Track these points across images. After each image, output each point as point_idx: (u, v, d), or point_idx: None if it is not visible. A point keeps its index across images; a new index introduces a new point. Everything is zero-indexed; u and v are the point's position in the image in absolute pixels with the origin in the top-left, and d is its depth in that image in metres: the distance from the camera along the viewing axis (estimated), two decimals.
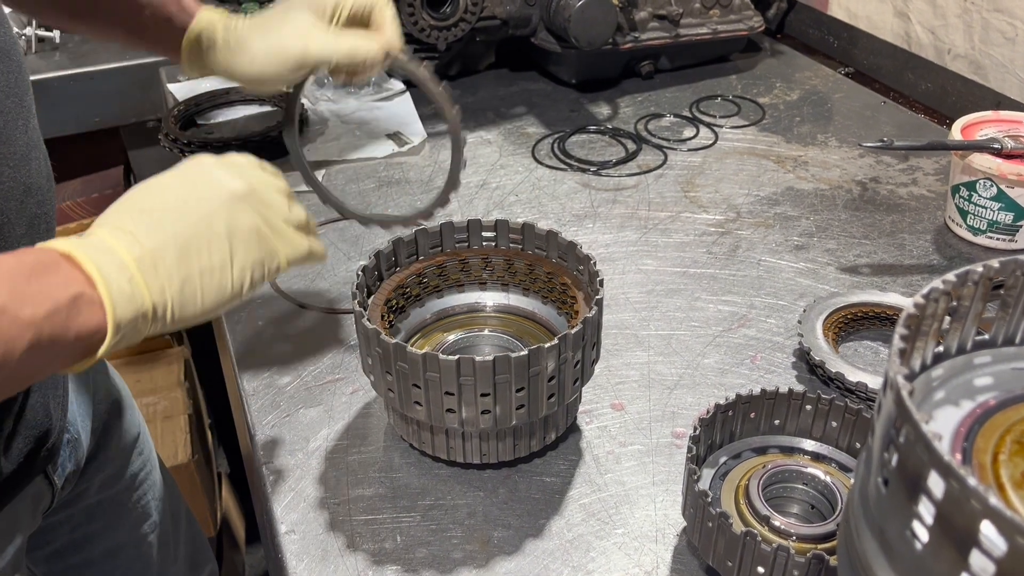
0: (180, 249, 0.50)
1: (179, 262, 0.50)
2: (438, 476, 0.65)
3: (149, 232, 0.49)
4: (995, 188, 0.86)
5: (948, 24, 1.18)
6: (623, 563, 0.58)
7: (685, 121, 1.17)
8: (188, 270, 0.50)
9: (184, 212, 0.51)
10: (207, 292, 0.51)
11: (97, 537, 0.85)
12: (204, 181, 0.53)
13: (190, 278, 0.50)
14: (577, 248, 0.65)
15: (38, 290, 0.44)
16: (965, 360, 0.40)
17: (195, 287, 0.50)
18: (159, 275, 0.49)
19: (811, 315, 0.76)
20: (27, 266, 0.45)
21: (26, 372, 0.45)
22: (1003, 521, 0.27)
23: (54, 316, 0.44)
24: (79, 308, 0.45)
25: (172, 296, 0.49)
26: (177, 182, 0.53)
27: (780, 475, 0.57)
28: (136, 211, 0.51)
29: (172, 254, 0.49)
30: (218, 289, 0.51)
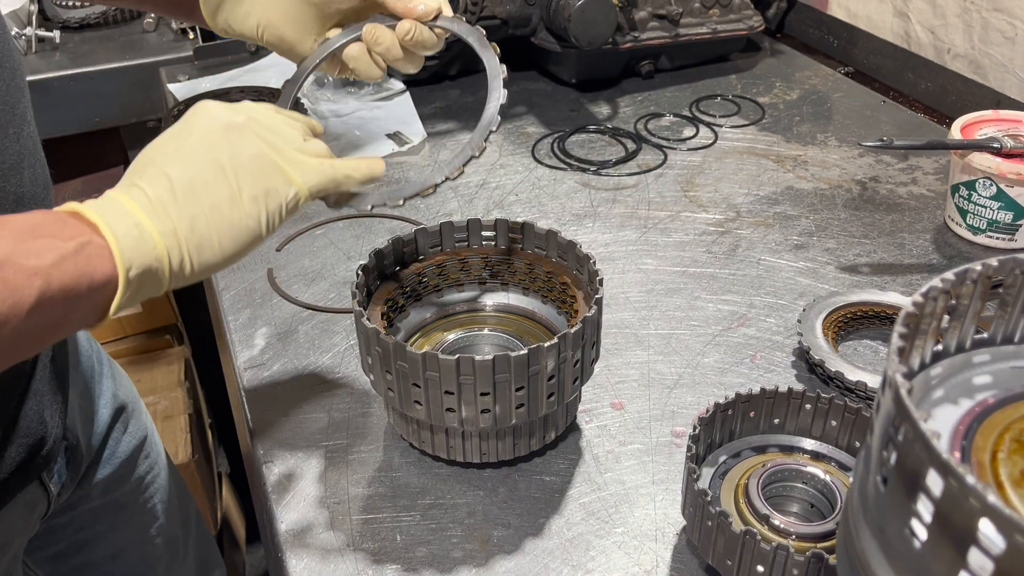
0: (184, 188, 0.48)
1: (185, 201, 0.48)
2: (438, 475, 0.65)
3: (153, 180, 0.48)
4: (995, 187, 0.86)
5: (948, 24, 1.18)
6: (623, 562, 0.58)
7: (685, 121, 1.17)
8: (196, 207, 0.48)
9: (185, 152, 0.50)
10: (221, 229, 0.49)
11: (101, 539, 0.84)
12: (202, 120, 0.52)
13: (199, 215, 0.48)
14: (577, 247, 0.65)
15: (43, 243, 0.43)
16: (964, 358, 0.40)
17: (206, 224, 0.48)
18: (168, 219, 0.47)
19: (811, 314, 0.76)
20: (31, 222, 0.44)
21: (41, 328, 0.44)
22: (1001, 519, 0.27)
23: (62, 264, 0.43)
24: (87, 255, 0.44)
25: (184, 237, 0.48)
26: (179, 128, 0.52)
27: (779, 474, 0.57)
28: (141, 164, 0.50)
29: (178, 196, 0.48)
30: (231, 224, 0.49)
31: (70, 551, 0.83)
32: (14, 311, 0.41)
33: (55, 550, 0.82)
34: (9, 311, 0.41)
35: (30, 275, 0.42)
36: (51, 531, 0.79)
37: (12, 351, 0.44)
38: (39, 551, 0.80)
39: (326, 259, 0.90)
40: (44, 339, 0.46)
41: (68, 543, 0.82)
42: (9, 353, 0.44)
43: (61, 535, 0.81)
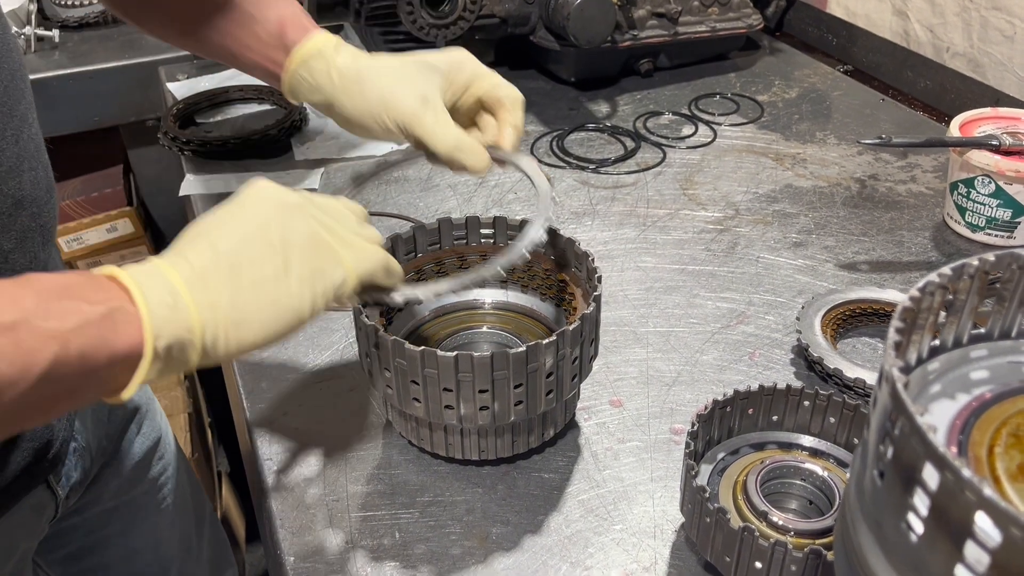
0: (230, 262, 0.46)
1: (230, 275, 0.46)
2: (437, 473, 0.65)
3: (200, 252, 0.46)
4: (993, 185, 0.86)
5: (947, 22, 1.18)
6: (621, 559, 0.58)
7: (684, 119, 1.17)
8: (240, 282, 0.46)
9: (236, 226, 0.48)
10: (263, 306, 0.46)
11: (114, 541, 0.84)
12: (256, 197, 0.50)
13: (242, 291, 0.46)
14: (575, 245, 0.65)
15: (69, 304, 0.40)
16: (961, 354, 0.40)
17: (248, 301, 0.46)
18: (209, 290, 0.45)
19: (809, 312, 0.76)
20: (62, 283, 0.42)
21: (50, 397, 0.40)
22: (998, 513, 0.27)
23: (84, 329, 0.40)
24: (114, 322, 0.41)
25: (224, 312, 0.45)
26: (232, 203, 0.50)
27: (778, 471, 0.57)
28: (190, 236, 0.48)
29: (223, 268, 0.46)
30: (274, 302, 0.47)
31: (83, 552, 0.82)
32: (23, 375, 0.38)
33: (67, 551, 0.81)
34: (17, 375, 0.38)
35: (47, 338, 0.39)
36: (63, 532, 0.78)
37: (14, 420, 0.41)
38: (51, 552, 0.80)
39: None
40: (52, 410, 0.43)
41: (81, 544, 0.81)
42: (11, 421, 0.41)
43: (73, 536, 0.80)
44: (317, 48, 0.64)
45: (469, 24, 1.16)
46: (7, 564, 0.66)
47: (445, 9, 1.14)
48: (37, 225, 0.60)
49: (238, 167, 1.06)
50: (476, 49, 1.29)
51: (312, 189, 1.02)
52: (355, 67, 0.62)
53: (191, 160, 1.08)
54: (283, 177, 1.04)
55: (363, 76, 0.62)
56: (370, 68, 0.62)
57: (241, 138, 1.07)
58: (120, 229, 1.48)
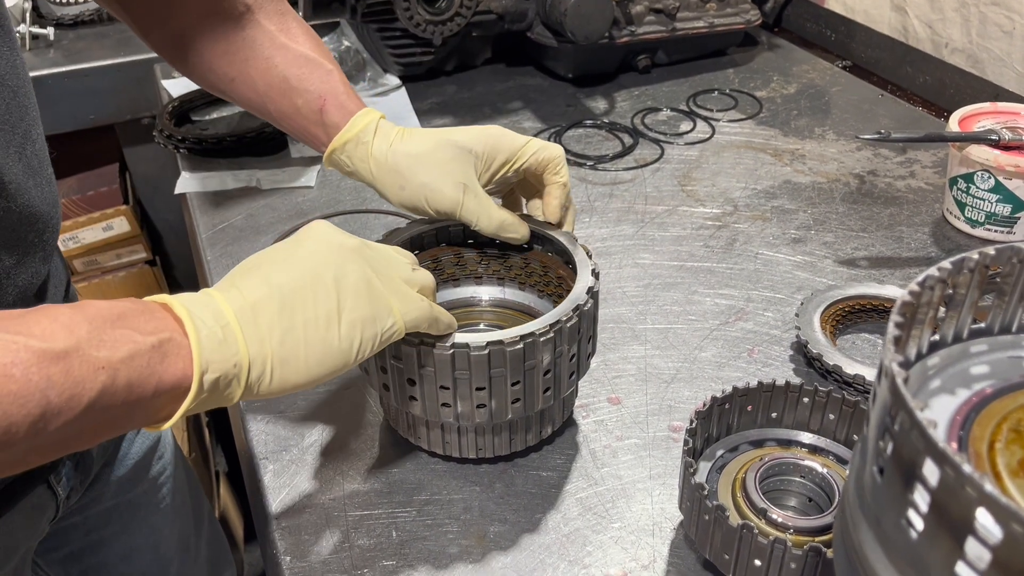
0: (284, 300, 0.46)
1: (281, 312, 0.46)
2: (434, 471, 0.65)
3: (254, 285, 0.47)
4: (993, 180, 0.86)
5: (946, 18, 1.18)
6: (620, 557, 0.58)
7: (682, 115, 1.17)
8: (291, 321, 0.46)
9: (292, 264, 0.48)
10: (311, 346, 0.47)
11: (114, 540, 0.83)
12: (315, 237, 0.50)
13: (292, 329, 0.46)
14: (575, 241, 0.65)
15: (121, 334, 0.40)
16: (961, 348, 0.40)
17: (298, 340, 0.46)
18: (259, 326, 0.45)
19: (809, 308, 0.75)
20: (116, 311, 0.42)
21: (93, 425, 0.40)
22: (999, 508, 0.27)
23: (134, 360, 0.40)
24: (164, 353, 0.41)
25: (272, 349, 0.45)
26: (289, 241, 0.51)
27: (777, 468, 0.57)
28: (245, 268, 0.49)
29: (275, 305, 0.46)
30: (323, 344, 0.47)
31: (83, 552, 0.82)
32: (70, 405, 0.38)
33: (67, 551, 0.81)
34: (65, 404, 0.38)
35: (97, 368, 0.39)
36: (63, 532, 0.78)
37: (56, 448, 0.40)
38: (51, 552, 0.79)
39: None
40: (94, 438, 0.42)
41: (80, 544, 0.81)
42: (53, 450, 0.40)
43: (73, 536, 0.80)
44: (355, 135, 0.64)
45: (466, 20, 1.16)
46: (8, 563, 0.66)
47: (442, 5, 1.14)
48: (41, 241, 0.60)
49: (234, 165, 1.05)
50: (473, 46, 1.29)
51: (308, 187, 1.02)
52: (392, 158, 0.63)
53: (187, 158, 1.07)
54: (279, 174, 1.04)
55: (400, 167, 0.63)
56: (407, 158, 0.62)
57: (237, 135, 1.06)
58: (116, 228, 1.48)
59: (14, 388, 0.36)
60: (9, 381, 0.36)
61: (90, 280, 1.49)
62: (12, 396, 0.36)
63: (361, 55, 1.27)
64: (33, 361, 0.37)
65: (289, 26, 0.68)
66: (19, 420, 0.36)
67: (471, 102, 1.21)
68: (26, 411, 0.37)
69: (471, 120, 1.16)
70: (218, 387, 0.44)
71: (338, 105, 0.65)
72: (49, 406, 0.37)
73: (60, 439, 0.39)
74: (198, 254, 0.95)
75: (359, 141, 0.64)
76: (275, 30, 0.67)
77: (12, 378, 0.36)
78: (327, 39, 1.29)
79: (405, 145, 0.63)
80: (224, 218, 0.97)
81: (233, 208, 0.98)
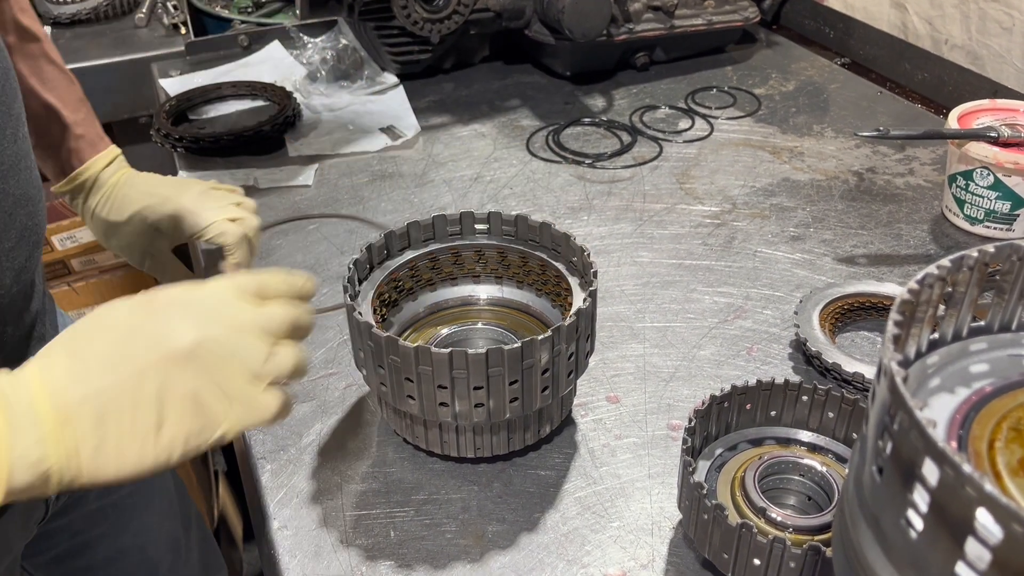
0: (100, 408, 0.44)
1: (96, 424, 0.44)
2: (432, 470, 0.64)
3: (75, 380, 0.44)
4: (992, 177, 0.86)
5: (945, 15, 1.18)
6: (618, 556, 0.58)
7: (680, 113, 1.16)
8: (105, 433, 0.44)
9: (115, 365, 0.45)
10: (125, 459, 0.45)
11: (99, 542, 0.83)
12: (149, 329, 0.46)
13: (105, 442, 0.44)
14: (571, 239, 0.64)
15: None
16: (961, 347, 0.40)
17: (110, 453, 0.44)
18: (73, 435, 0.44)
19: (807, 306, 0.75)
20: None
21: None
22: (999, 508, 0.27)
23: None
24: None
25: (83, 462, 0.44)
26: (122, 323, 0.47)
27: (776, 466, 0.57)
28: (71, 349, 0.46)
29: (90, 413, 0.44)
30: (138, 458, 0.45)
31: (69, 554, 0.82)
32: None
33: (53, 554, 0.81)
34: None
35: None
36: (48, 535, 0.78)
37: None
38: (37, 555, 0.79)
39: (319, 254, 0.89)
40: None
41: (66, 546, 0.81)
42: None
43: (59, 539, 0.80)
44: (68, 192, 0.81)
45: (464, 18, 1.15)
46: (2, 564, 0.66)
47: (439, 3, 1.13)
48: (33, 224, 0.61)
49: (231, 163, 1.05)
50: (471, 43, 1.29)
51: (306, 185, 1.01)
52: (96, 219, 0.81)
53: (184, 157, 1.07)
54: (276, 173, 1.03)
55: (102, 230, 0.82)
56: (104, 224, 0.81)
57: (234, 134, 1.06)
58: None
59: None
60: None
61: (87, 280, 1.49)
62: None
63: (358, 53, 1.27)
64: None
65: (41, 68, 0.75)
66: None
67: (469, 100, 1.21)
68: None
69: (469, 117, 1.16)
70: (24, 491, 0.43)
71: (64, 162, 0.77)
72: None
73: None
74: (195, 253, 0.95)
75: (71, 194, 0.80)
76: (27, 73, 0.73)
77: None
78: (324, 37, 1.29)
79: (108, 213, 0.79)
80: None
81: None
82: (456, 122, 1.15)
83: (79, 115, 0.75)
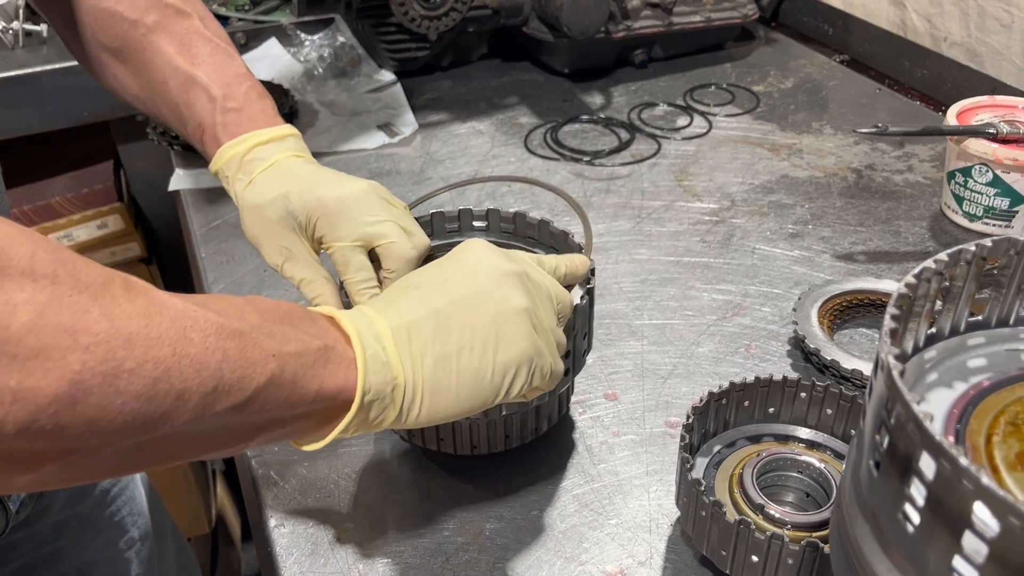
0: (440, 323, 0.45)
1: (436, 337, 0.44)
2: (429, 468, 0.64)
3: (411, 306, 0.45)
4: (991, 174, 0.86)
5: (944, 12, 1.17)
6: (616, 554, 0.57)
7: (679, 110, 1.16)
8: (445, 347, 0.44)
9: (451, 287, 0.46)
10: (463, 376, 0.45)
11: (66, 553, 0.81)
12: (475, 258, 0.48)
13: (446, 356, 0.44)
14: (569, 237, 0.64)
15: (290, 330, 0.40)
16: (958, 341, 0.40)
17: (450, 368, 0.44)
18: (412, 349, 0.44)
19: (806, 303, 0.75)
20: (284, 310, 0.42)
21: (255, 422, 0.39)
22: (996, 502, 0.27)
23: (301, 357, 0.40)
24: (328, 359, 0.41)
25: (424, 375, 0.44)
26: (448, 260, 0.49)
27: (774, 463, 0.56)
28: (403, 287, 0.47)
29: (430, 328, 0.44)
30: (476, 375, 0.45)
31: (34, 565, 0.80)
32: (240, 385, 0.37)
33: (18, 565, 0.78)
34: (236, 383, 0.36)
35: (267, 355, 0.38)
36: (12, 546, 0.76)
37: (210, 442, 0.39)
38: (2, 566, 0.78)
39: None
40: (249, 438, 0.41)
41: (31, 557, 0.79)
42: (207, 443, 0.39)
43: (23, 550, 0.78)
44: (219, 168, 0.64)
45: (461, 15, 1.15)
46: None
47: (437, 0, 1.13)
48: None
49: None
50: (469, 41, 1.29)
51: None
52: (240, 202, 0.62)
53: (181, 155, 1.07)
54: None
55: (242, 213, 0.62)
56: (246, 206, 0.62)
57: None
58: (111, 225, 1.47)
59: (192, 351, 0.35)
60: (188, 344, 0.35)
61: None
62: (190, 359, 0.35)
63: (356, 51, 1.27)
64: (212, 331, 0.36)
65: (191, 43, 0.65)
66: (193, 388, 0.35)
67: (467, 97, 1.21)
68: (200, 379, 0.35)
69: (467, 115, 1.16)
70: (372, 411, 0.43)
71: (212, 136, 0.64)
72: (222, 381, 0.36)
73: (217, 430, 0.38)
74: (192, 251, 0.95)
75: (222, 175, 0.64)
76: (173, 52, 0.65)
77: (191, 341, 0.35)
78: (321, 35, 1.29)
79: (249, 193, 0.61)
80: (218, 215, 0.96)
81: (227, 205, 0.97)
82: (454, 119, 1.15)
83: (235, 89, 0.64)
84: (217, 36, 0.67)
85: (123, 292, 0.34)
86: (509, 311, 0.46)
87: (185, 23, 0.66)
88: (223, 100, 0.64)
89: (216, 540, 1.43)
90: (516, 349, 0.46)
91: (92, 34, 0.66)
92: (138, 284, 0.35)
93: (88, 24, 0.66)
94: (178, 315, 0.35)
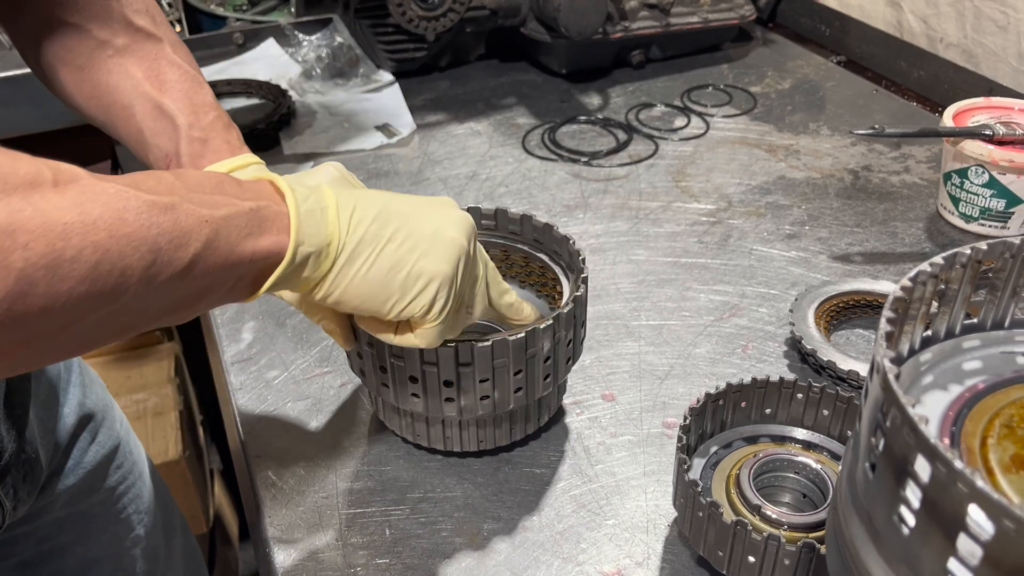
0: (384, 212, 0.48)
1: (375, 219, 0.47)
2: (427, 468, 0.64)
3: (368, 193, 0.49)
4: (987, 175, 0.86)
5: (940, 13, 1.18)
6: (614, 554, 0.58)
7: (676, 111, 1.16)
8: (379, 231, 0.47)
9: (410, 200, 0.50)
10: (381, 260, 0.47)
11: (68, 550, 0.80)
12: (442, 202, 0.52)
13: (376, 237, 0.47)
14: (553, 229, 0.64)
15: (220, 198, 0.42)
16: (954, 344, 0.40)
17: (373, 248, 0.47)
18: (352, 219, 0.46)
19: (803, 304, 0.75)
20: (214, 180, 0.43)
21: (195, 289, 0.41)
22: (991, 504, 0.27)
23: (233, 219, 0.42)
24: (261, 218, 0.43)
25: (350, 241, 0.46)
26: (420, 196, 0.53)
27: (771, 464, 0.57)
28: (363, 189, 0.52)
29: (373, 211, 0.47)
30: (392, 265, 0.47)
31: (36, 561, 0.79)
32: (178, 255, 0.39)
33: (19, 559, 0.78)
34: (174, 254, 0.39)
35: (201, 222, 0.40)
36: (14, 541, 0.76)
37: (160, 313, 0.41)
38: (3, 560, 0.78)
39: None
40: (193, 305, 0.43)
41: (33, 552, 0.79)
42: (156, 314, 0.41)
43: (25, 545, 0.78)
44: None
45: (459, 16, 1.15)
46: None
47: (435, 1, 1.13)
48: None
49: None
50: (467, 41, 1.29)
51: None
52: None
53: None
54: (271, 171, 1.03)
55: None
56: None
57: None
58: None
59: (127, 231, 0.37)
60: (123, 224, 0.37)
61: None
62: (127, 238, 0.37)
63: (354, 51, 1.27)
64: (144, 208, 0.38)
65: (160, 69, 0.65)
66: (133, 264, 0.37)
67: (465, 98, 1.21)
68: (140, 255, 0.37)
69: (465, 116, 1.16)
70: (309, 265, 0.45)
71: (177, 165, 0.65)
72: (160, 253, 0.38)
73: (163, 301, 0.40)
74: None
75: None
76: (141, 76, 0.64)
77: (125, 221, 0.37)
78: (319, 35, 1.29)
79: None
80: None
81: None
82: (452, 120, 1.15)
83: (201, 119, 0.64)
84: (186, 62, 0.67)
85: (52, 186, 0.36)
86: (447, 237, 0.49)
87: (155, 48, 0.65)
88: (188, 129, 0.64)
89: (214, 539, 1.43)
90: (437, 266, 0.48)
91: (53, 50, 0.65)
92: (66, 172, 0.37)
93: (50, 38, 0.65)
94: (110, 198, 0.37)
